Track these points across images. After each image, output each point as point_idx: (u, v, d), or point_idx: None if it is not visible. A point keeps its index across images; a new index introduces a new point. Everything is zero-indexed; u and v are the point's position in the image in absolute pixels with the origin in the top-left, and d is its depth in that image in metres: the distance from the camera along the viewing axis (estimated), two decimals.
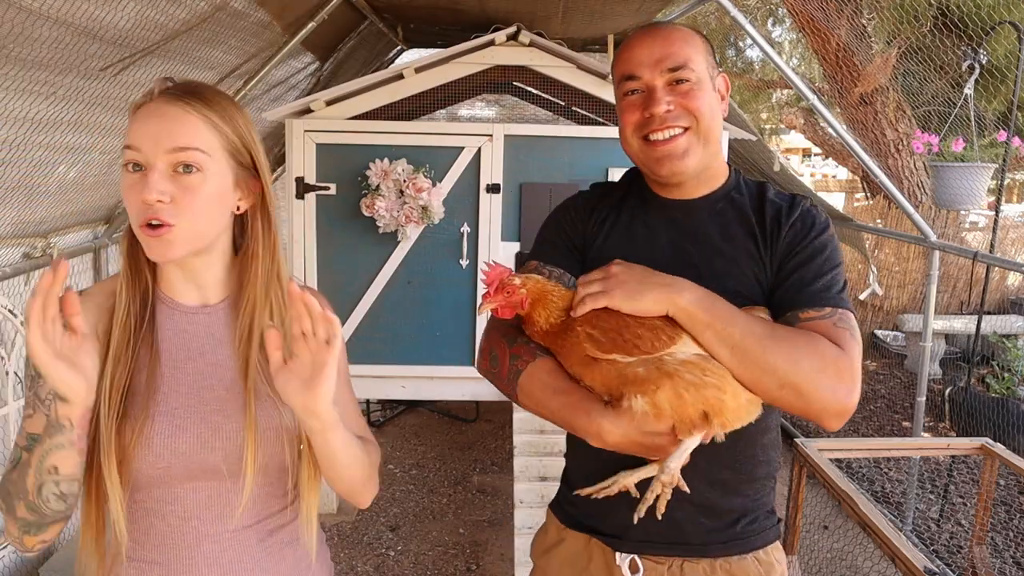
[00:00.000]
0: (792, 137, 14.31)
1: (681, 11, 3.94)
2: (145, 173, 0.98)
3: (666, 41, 1.18)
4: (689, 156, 1.18)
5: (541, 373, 1.13)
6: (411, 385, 3.41)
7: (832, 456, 2.27)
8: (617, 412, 1.04)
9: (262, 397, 1.06)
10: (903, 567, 1.76)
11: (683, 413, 1.03)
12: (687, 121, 1.17)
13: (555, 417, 1.12)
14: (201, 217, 1.01)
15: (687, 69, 1.16)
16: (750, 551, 1.23)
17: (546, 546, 1.37)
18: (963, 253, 3.32)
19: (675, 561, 1.22)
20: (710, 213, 1.23)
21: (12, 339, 2.37)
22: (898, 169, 6.11)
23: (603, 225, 1.28)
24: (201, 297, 1.09)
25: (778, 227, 1.19)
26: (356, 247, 3.27)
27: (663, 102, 1.16)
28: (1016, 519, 3.68)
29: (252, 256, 1.08)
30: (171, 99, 1.01)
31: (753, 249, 1.19)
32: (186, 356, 1.06)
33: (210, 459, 1.03)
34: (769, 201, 1.23)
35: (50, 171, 2.38)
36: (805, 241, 1.17)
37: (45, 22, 1.79)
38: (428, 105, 3.46)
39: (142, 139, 0.99)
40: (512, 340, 1.18)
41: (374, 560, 3.20)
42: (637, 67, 1.18)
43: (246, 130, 1.06)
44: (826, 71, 6.11)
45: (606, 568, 1.26)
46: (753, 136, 3.67)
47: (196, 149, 1.00)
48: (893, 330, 6.65)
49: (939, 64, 4.62)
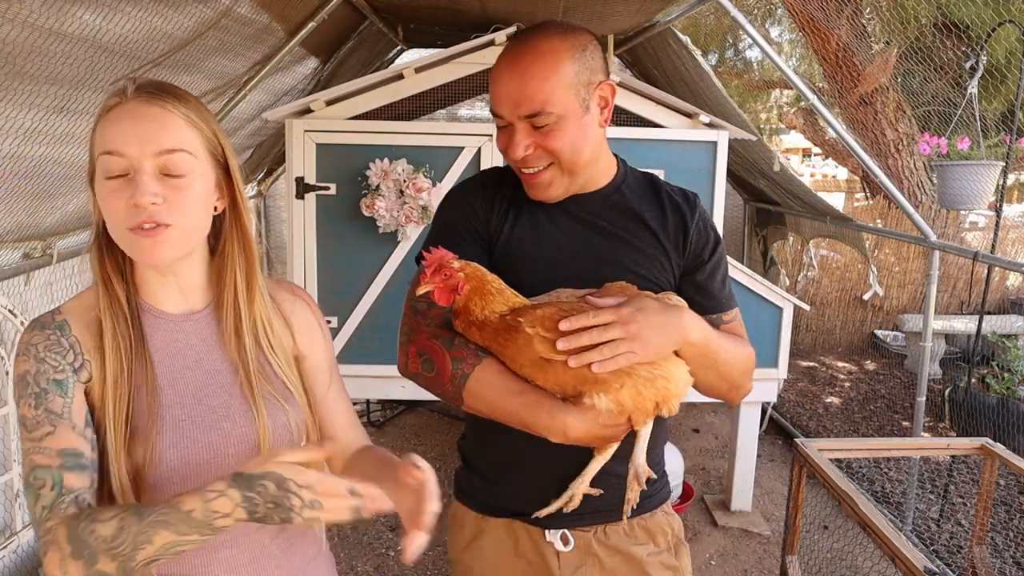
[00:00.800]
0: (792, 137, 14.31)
1: (681, 11, 3.94)
2: (130, 178, 0.95)
3: (522, 80, 1.15)
4: (553, 187, 1.23)
5: (490, 375, 1.14)
6: (411, 385, 3.38)
7: (832, 456, 2.27)
8: (581, 410, 1.08)
9: (266, 396, 1.06)
10: (903, 567, 1.76)
11: (642, 406, 1.10)
12: (548, 159, 1.20)
13: (512, 418, 1.13)
14: (193, 216, 1.00)
15: (544, 114, 1.16)
16: (658, 507, 1.37)
17: (465, 540, 1.38)
18: (963, 253, 3.32)
19: (599, 528, 1.31)
20: (604, 205, 1.28)
21: (12, 339, 2.37)
22: (898, 169, 6.11)
23: (506, 216, 1.29)
24: (185, 304, 1.07)
25: (683, 224, 1.28)
26: (356, 247, 3.27)
27: (521, 146, 1.18)
28: (1016, 519, 3.68)
29: (228, 256, 1.07)
30: (147, 99, 0.97)
31: (654, 238, 1.27)
32: (182, 366, 1.04)
33: (223, 466, 1.01)
34: (665, 193, 1.31)
35: (61, 183, 2.39)
36: (708, 247, 1.30)
37: (57, 39, 1.80)
38: (428, 105, 3.46)
39: (124, 143, 0.95)
40: (449, 343, 1.18)
41: (374, 560, 3.20)
42: (498, 104, 1.20)
43: (217, 128, 1.05)
44: (826, 71, 6.10)
45: (534, 547, 1.31)
46: (753, 136, 3.67)
47: (183, 150, 0.98)
48: (893, 330, 6.65)
49: (939, 64, 4.62)
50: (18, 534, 2.37)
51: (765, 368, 3.36)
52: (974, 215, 8.35)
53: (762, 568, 3.20)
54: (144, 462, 0.96)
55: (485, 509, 1.35)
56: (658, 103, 3.28)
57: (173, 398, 1.02)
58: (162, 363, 1.03)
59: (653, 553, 1.33)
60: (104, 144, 0.96)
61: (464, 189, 1.35)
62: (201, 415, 1.02)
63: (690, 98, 4.12)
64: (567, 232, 1.26)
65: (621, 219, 1.27)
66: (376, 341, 3.32)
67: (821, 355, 6.55)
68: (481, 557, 1.35)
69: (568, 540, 1.30)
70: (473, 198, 1.31)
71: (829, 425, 4.91)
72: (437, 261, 1.14)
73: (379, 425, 4.63)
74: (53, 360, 0.96)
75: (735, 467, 3.61)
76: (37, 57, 1.82)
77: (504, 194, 1.30)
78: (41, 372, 0.95)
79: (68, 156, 2.27)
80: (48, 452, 0.92)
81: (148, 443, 0.97)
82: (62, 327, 0.99)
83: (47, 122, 2.07)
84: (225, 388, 1.05)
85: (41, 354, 0.96)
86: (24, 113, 1.96)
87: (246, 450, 1.03)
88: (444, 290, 1.14)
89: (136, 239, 0.96)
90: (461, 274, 1.13)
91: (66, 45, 1.86)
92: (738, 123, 3.74)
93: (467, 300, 1.14)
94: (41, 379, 0.95)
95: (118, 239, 0.98)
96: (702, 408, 4.99)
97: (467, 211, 1.30)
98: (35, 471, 0.92)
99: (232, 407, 1.04)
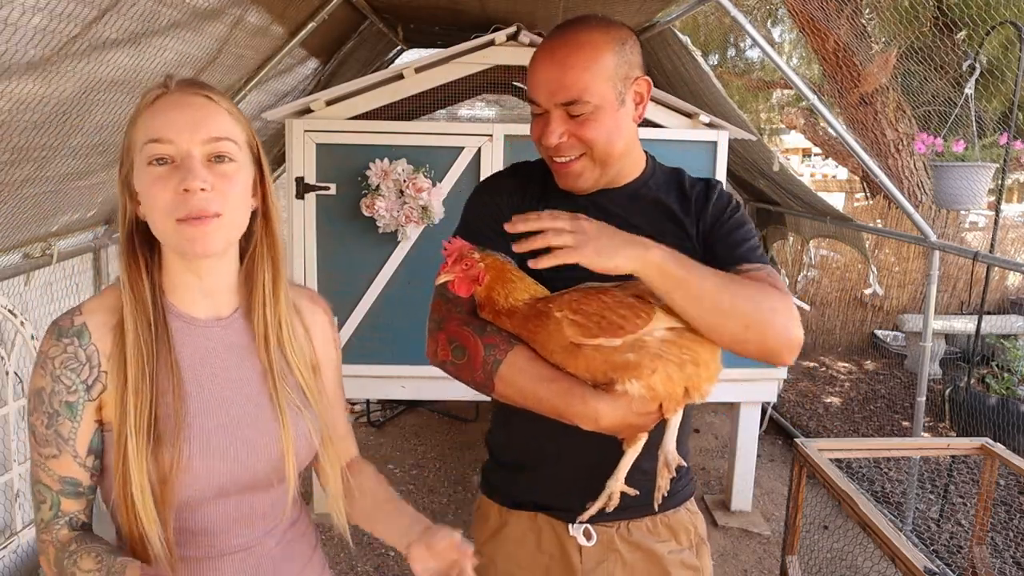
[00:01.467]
0: (792, 137, 14.31)
1: (681, 11, 3.94)
2: (176, 165, 0.94)
3: (563, 68, 1.15)
4: (583, 178, 1.23)
5: (522, 361, 1.13)
6: (411, 385, 3.40)
7: (832, 456, 2.27)
8: (614, 396, 1.07)
9: (289, 405, 1.05)
10: (903, 567, 1.76)
11: (672, 392, 1.08)
12: (581, 149, 1.20)
13: (542, 405, 1.12)
14: (239, 206, 1.00)
15: (580, 103, 1.16)
16: (681, 504, 1.35)
17: (489, 532, 1.38)
18: (963, 253, 3.32)
19: (622, 523, 1.30)
20: (632, 200, 1.27)
21: (12, 339, 2.37)
22: (898, 169, 6.11)
23: (533, 212, 1.29)
24: (214, 308, 1.05)
25: (704, 201, 1.26)
26: (356, 247, 3.27)
27: (556, 133, 1.18)
28: (1016, 519, 3.68)
29: (258, 259, 1.06)
30: (191, 91, 0.98)
31: (680, 229, 1.26)
32: (210, 373, 1.03)
33: (244, 476, 1.01)
34: (689, 182, 1.31)
35: (78, 197, 2.41)
36: (727, 213, 1.26)
37: (101, 86, 1.85)
38: (428, 105, 3.46)
39: (172, 130, 0.94)
40: (480, 329, 1.17)
41: (374, 560, 3.20)
42: (535, 91, 1.20)
43: (252, 127, 1.05)
44: (826, 71, 6.10)
45: (557, 541, 1.31)
46: (753, 136, 3.67)
47: (229, 139, 0.98)
48: (893, 330, 6.65)
49: (939, 64, 4.62)
50: (18, 534, 2.37)
51: (765, 368, 3.36)
52: (974, 215, 8.35)
53: (762, 568, 3.20)
54: (170, 470, 0.96)
55: (509, 502, 1.36)
56: (658, 103, 3.27)
57: (200, 406, 1.01)
58: (189, 370, 1.02)
59: (675, 551, 1.32)
60: (150, 132, 0.95)
61: (492, 185, 1.35)
62: (227, 424, 1.01)
63: (690, 98, 4.12)
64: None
65: (648, 213, 1.27)
66: (376, 341, 3.32)
67: (821, 355, 6.56)
68: (504, 549, 1.35)
69: (591, 535, 1.29)
70: (500, 195, 1.31)
71: (829, 425, 4.91)
72: (457, 251, 1.14)
73: (379, 425, 4.63)
74: (67, 379, 0.97)
75: (735, 467, 3.61)
76: (84, 107, 1.86)
77: (533, 191, 1.31)
78: (55, 392, 0.97)
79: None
80: (51, 474, 0.98)
81: (174, 451, 0.96)
82: (80, 334, 0.98)
83: (88, 164, 2.10)
84: (251, 398, 1.04)
85: (57, 371, 0.97)
86: (70, 161, 2.00)
87: (268, 459, 1.03)
88: (464, 280, 1.14)
89: (184, 229, 0.94)
90: (481, 264, 1.13)
91: (106, 93, 1.91)
92: (738, 123, 3.74)
93: (489, 290, 1.13)
94: (54, 400, 0.97)
95: (162, 230, 0.97)
96: (702, 408, 4.99)
97: (493, 209, 1.29)
98: (38, 485, 0.99)
99: (258, 417, 1.03)
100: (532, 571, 1.33)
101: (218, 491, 1.00)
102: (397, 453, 4.22)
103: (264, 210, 1.06)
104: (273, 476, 1.04)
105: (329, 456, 1.11)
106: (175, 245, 0.97)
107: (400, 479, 3.91)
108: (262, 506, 1.06)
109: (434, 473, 3.99)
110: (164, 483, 0.96)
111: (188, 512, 1.00)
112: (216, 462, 0.99)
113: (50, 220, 2.42)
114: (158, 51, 1.96)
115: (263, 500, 1.05)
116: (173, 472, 0.96)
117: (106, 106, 1.95)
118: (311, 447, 1.08)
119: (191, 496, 0.98)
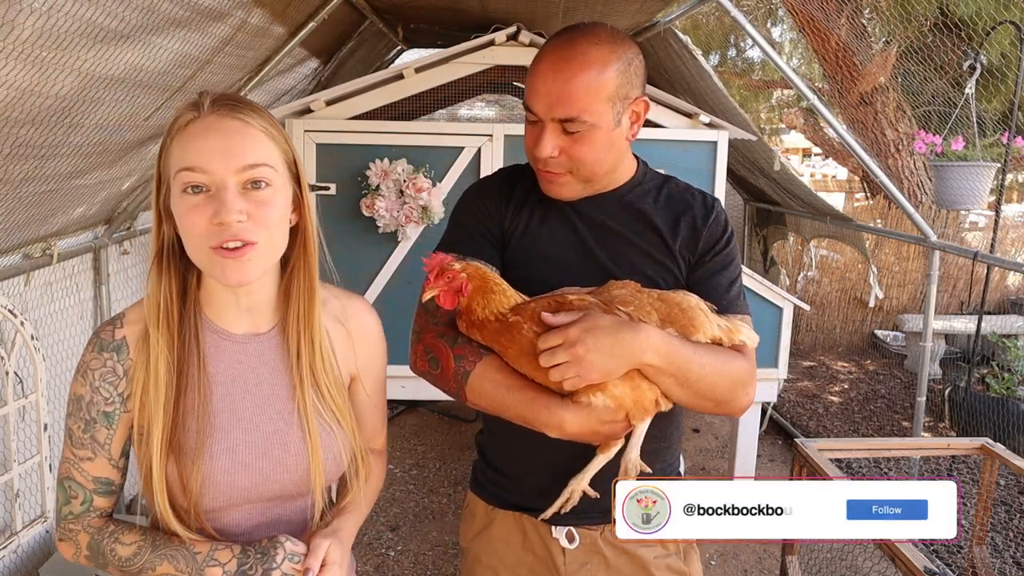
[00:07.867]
0: (792, 137, 14.30)
1: (681, 11, 3.94)
2: (212, 194, 0.92)
3: (566, 83, 1.14)
4: (567, 188, 1.24)
5: (491, 371, 1.14)
6: (411, 385, 3.39)
7: (832, 456, 2.27)
8: (578, 406, 1.08)
9: (319, 423, 1.05)
10: (903, 567, 1.76)
11: (640, 401, 1.09)
12: (569, 166, 1.20)
13: (510, 413, 1.14)
14: (276, 232, 0.98)
15: (578, 121, 1.15)
16: None
17: (475, 530, 1.40)
18: (963, 253, 3.32)
19: (606, 527, 1.30)
20: (617, 206, 1.27)
21: (12, 339, 2.37)
22: (898, 169, 6.10)
23: (519, 217, 1.30)
24: (251, 324, 1.05)
25: (693, 225, 1.26)
26: (356, 247, 3.27)
27: (548, 147, 1.18)
28: (1016, 519, 3.68)
29: (296, 273, 1.05)
30: (225, 113, 0.95)
31: (661, 241, 1.26)
32: (243, 389, 1.03)
33: (267, 492, 1.02)
34: (679, 195, 1.29)
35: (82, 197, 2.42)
36: (718, 247, 1.27)
37: (105, 84, 1.84)
38: (428, 105, 3.47)
39: (205, 159, 0.92)
40: (453, 340, 1.19)
41: (374, 560, 3.20)
42: (534, 100, 1.18)
43: (290, 140, 1.02)
44: (826, 71, 6.10)
45: (541, 542, 1.32)
46: (753, 136, 3.67)
47: (266, 165, 0.95)
48: (893, 330, 6.65)
49: (939, 64, 4.62)
50: (18, 534, 2.37)
51: (765, 368, 3.36)
52: (974, 215, 8.35)
53: (762, 568, 3.20)
54: (193, 482, 0.97)
55: (496, 501, 1.37)
56: (658, 103, 3.28)
57: (230, 422, 1.01)
58: (222, 385, 1.02)
59: (660, 556, 1.32)
60: (184, 160, 0.93)
61: (481, 189, 1.36)
62: (256, 441, 1.01)
63: (690, 98, 4.12)
64: (578, 232, 1.27)
65: (631, 220, 1.27)
66: None
67: (821, 355, 6.55)
68: (490, 547, 1.36)
69: (574, 537, 1.30)
70: (488, 199, 1.32)
71: (829, 425, 4.91)
72: (438, 265, 1.14)
73: None
74: (106, 391, 1.00)
75: (735, 467, 3.61)
76: (87, 106, 1.85)
77: (520, 195, 1.31)
78: (93, 402, 1.00)
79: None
80: (85, 475, 1.01)
81: (198, 465, 0.97)
82: (119, 349, 1.00)
83: (88, 163, 2.10)
84: (282, 415, 1.04)
85: (96, 383, 1.00)
86: (71, 161, 2.00)
87: (294, 477, 1.03)
88: (449, 293, 1.14)
89: (219, 259, 0.93)
90: (463, 275, 1.13)
91: (111, 91, 1.90)
92: (738, 123, 3.74)
93: (470, 300, 1.14)
94: (92, 409, 1.00)
95: (198, 258, 0.96)
96: None
97: (481, 213, 1.30)
98: (70, 482, 1.02)
99: (288, 435, 1.03)
100: (517, 570, 1.35)
101: (243, 500, 1.01)
102: (397, 453, 4.22)
103: (303, 226, 1.04)
104: (299, 490, 1.05)
105: (357, 476, 1.11)
106: (211, 273, 0.97)
107: (400, 479, 3.91)
108: (288, 513, 1.07)
109: (434, 473, 3.99)
110: (188, 495, 0.97)
111: (214, 514, 1.01)
112: (240, 477, 1.00)
113: (50, 220, 2.42)
114: (158, 50, 1.96)
115: (290, 508, 1.07)
116: (195, 484, 0.97)
117: (107, 104, 1.94)
118: (339, 466, 1.08)
119: (216, 505, 1.00)
